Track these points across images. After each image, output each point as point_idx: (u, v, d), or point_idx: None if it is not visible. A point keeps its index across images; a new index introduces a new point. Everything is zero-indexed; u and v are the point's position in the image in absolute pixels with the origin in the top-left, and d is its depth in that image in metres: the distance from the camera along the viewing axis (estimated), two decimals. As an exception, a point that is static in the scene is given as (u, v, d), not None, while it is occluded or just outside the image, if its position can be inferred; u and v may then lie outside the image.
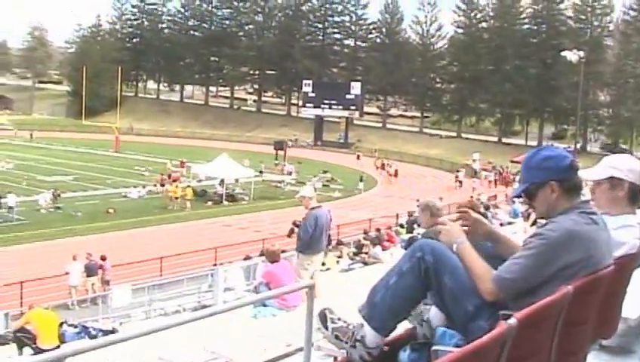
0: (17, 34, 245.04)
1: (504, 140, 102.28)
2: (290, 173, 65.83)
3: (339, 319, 3.61)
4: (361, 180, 65.62)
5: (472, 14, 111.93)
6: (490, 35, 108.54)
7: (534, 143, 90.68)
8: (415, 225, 28.39)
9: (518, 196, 3.86)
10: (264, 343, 8.07)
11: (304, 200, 13.14)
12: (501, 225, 24.84)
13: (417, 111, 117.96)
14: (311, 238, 12.67)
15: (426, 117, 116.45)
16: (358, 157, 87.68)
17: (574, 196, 3.62)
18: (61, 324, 18.11)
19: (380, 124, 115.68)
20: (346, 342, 3.54)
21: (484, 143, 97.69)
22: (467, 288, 3.45)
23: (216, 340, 8.27)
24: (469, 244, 3.59)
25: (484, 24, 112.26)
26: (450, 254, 3.55)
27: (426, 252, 3.51)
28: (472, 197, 42.74)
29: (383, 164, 79.45)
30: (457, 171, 72.17)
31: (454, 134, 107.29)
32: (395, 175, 74.37)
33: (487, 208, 27.97)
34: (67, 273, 28.14)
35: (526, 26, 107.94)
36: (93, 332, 18.71)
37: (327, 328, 3.60)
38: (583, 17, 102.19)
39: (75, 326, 19.08)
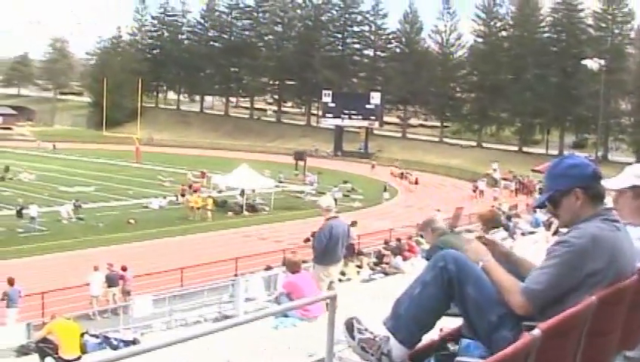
0: (39, 46, 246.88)
1: (525, 149, 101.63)
2: (312, 184, 65.79)
3: (365, 330, 3.61)
4: (385, 190, 65.56)
5: (492, 23, 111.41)
6: (510, 43, 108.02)
7: (555, 152, 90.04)
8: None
9: (542, 205, 3.84)
10: (286, 354, 8.06)
11: (322, 210, 13.13)
12: (522, 234, 24.67)
13: (437, 121, 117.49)
14: (325, 249, 12.60)
15: (446, 126, 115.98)
16: (373, 166, 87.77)
17: (598, 204, 3.63)
18: (83, 335, 18.13)
19: (400, 134, 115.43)
20: (372, 355, 3.53)
21: (505, 152, 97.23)
22: (491, 298, 3.44)
23: (237, 351, 8.26)
24: (494, 261, 3.58)
25: (503, 33, 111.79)
26: (472, 264, 3.54)
27: (449, 261, 3.51)
28: (492, 206, 42.48)
29: (402, 173, 79.40)
30: (474, 181, 71.98)
31: (475, 144, 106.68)
32: (416, 182, 74.40)
33: (508, 218, 27.86)
34: (88, 283, 28.22)
35: (546, 35, 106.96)
36: (115, 343, 18.73)
37: (353, 338, 3.60)
38: (604, 25, 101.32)
39: (97, 337, 19.12)
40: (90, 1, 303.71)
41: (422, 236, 34.03)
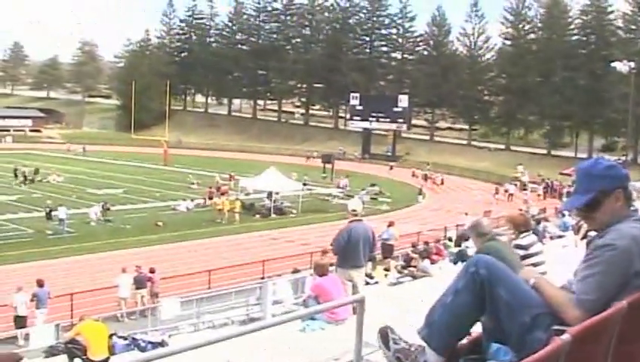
0: (68, 49, 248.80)
1: (553, 152, 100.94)
2: (344, 187, 65.53)
3: (400, 339, 3.60)
4: (420, 193, 65.45)
5: (520, 26, 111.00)
6: (538, 46, 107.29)
7: (584, 155, 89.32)
8: (464, 239, 28.17)
9: (578, 206, 3.76)
10: (313, 357, 8.05)
11: (348, 213, 13.12)
12: (551, 238, 24.57)
13: (465, 124, 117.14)
14: (344, 252, 12.52)
15: (474, 129, 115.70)
16: (391, 168, 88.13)
17: (630, 205, 3.60)
18: (111, 336, 18.20)
19: (428, 137, 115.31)
20: None
21: (533, 156, 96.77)
22: (523, 299, 3.43)
23: (264, 353, 8.26)
24: (544, 278, 3.57)
25: (532, 35, 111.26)
26: (504, 267, 3.53)
27: (480, 266, 3.50)
28: (521, 209, 42.27)
29: (425, 175, 79.51)
30: (498, 184, 71.81)
31: (503, 147, 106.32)
32: (442, 183, 74.51)
33: (537, 222, 27.70)
34: (117, 285, 28.35)
35: (575, 37, 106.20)
36: (143, 345, 18.78)
37: (388, 348, 3.59)
38: (634, 27, 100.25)
39: (125, 338, 19.18)
40: (119, 5, 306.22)
41: (450, 239, 33.99)
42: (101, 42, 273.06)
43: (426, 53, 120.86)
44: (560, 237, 25.78)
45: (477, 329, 3.77)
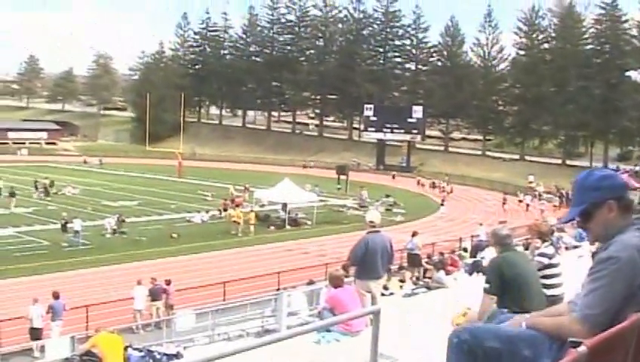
0: (83, 62, 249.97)
1: (568, 162, 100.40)
2: (365, 199, 65.24)
3: None
4: (442, 204, 65.31)
5: (534, 35, 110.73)
6: (552, 56, 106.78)
7: (599, 165, 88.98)
8: (479, 250, 28.10)
9: (572, 219, 3.78)
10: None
11: (366, 224, 13.08)
12: (567, 248, 24.46)
13: (480, 134, 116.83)
14: (363, 263, 12.45)
15: (489, 139, 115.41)
16: (394, 176, 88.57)
17: (629, 214, 3.58)
18: (126, 348, 18.25)
19: (442, 148, 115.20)
20: None
21: (548, 166, 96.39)
22: (518, 339, 3.45)
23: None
24: (533, 316, 3.60)
25: (546, 45, 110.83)
26: (485, 324, 3.58)
27: (461, 335, 3.58)
28: (536, 220, 42.07)
29: (433, 183, 79.68)
30: (512, 195, 71.76)
31: (517, 157, 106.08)
32: (451, 191, 75.11)
33: (551, 232, 27.55)
34: (132, 297, 28.41)
35: (589, 46, 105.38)
36: (158, 356, 18.82)
37: None
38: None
39: (140, 350, 19.22)
40: (133, 17, 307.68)
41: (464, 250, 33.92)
42: (116, 55, 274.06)
43: (439, 63, 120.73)
44: (575, 247, 25.66)
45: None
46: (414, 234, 33.48)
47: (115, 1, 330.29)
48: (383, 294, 17.21)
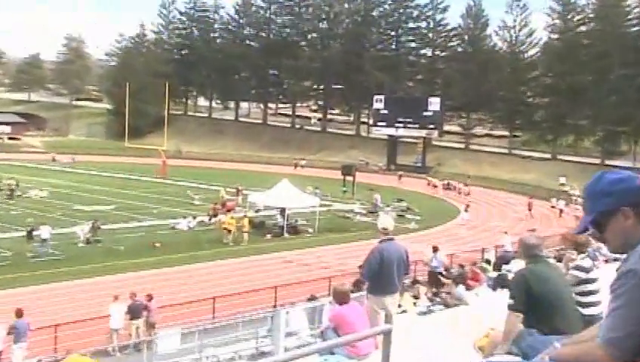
0: (52, 46, 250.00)
1: (608, 162, 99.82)
2: (377, 205, 65.11)
3: None
4: (466, 210, 65.27)
5: (569, 17, 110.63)
6: (590, 40, 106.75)
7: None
8: (504, 262, 28.06)
9: (586, 229, 3.64)
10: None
11: (378, 231, 13.03)
12: (606, 261, 24.46)
13: (506, 130, 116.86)
14: (378, 276, 12.34)
15: (516, 136, 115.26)
16: (400, 177, 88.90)
17: None
18: (101, 373, 18.29)
19: (463, 145, 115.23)
20: None
21: (584, 166, 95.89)
22: None
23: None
24: (556, 346, 3.60)
25: (583, 28, 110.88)
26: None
27: None
28: (571, 228, 42.05)
29: (447, 184, 79.78)
30: (530, 198, 71.94)
31: (549, 156, 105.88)
32: (468, 194, 75.56)
33: (589, 243, 27.50)
34: (108, 315, 28.39)
35: (634, 29, 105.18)
36: (137, 383, 18.87)
37: None
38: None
39: (117, 376, 19.28)
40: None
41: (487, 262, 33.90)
42: (89, 37, 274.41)
43: (460, 49, 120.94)
44: (616, 260, 25.64)
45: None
46: (435, 249, 32.78)
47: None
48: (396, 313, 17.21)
